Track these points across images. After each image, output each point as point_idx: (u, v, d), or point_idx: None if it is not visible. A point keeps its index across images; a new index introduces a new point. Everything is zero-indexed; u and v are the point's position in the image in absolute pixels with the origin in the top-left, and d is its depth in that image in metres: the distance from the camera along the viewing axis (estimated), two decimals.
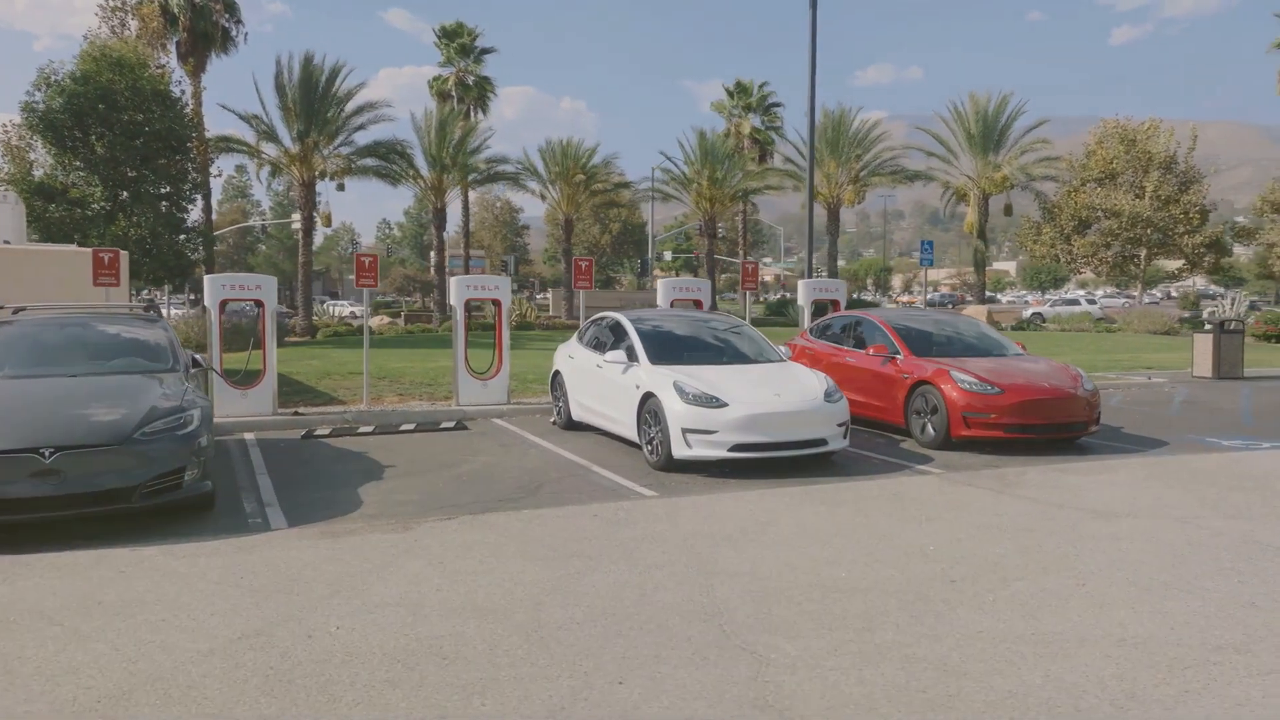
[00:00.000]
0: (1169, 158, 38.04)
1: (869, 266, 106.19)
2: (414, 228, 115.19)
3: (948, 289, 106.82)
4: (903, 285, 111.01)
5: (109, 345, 8.14)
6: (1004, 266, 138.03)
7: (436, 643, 4.56)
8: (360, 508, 7.48)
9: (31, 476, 6.19)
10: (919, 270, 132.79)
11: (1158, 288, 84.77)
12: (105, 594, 5.30)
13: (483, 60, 47.09)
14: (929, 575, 5.66)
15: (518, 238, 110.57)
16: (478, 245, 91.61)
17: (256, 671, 4.22)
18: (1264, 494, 7.88)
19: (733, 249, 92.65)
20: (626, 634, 4.67)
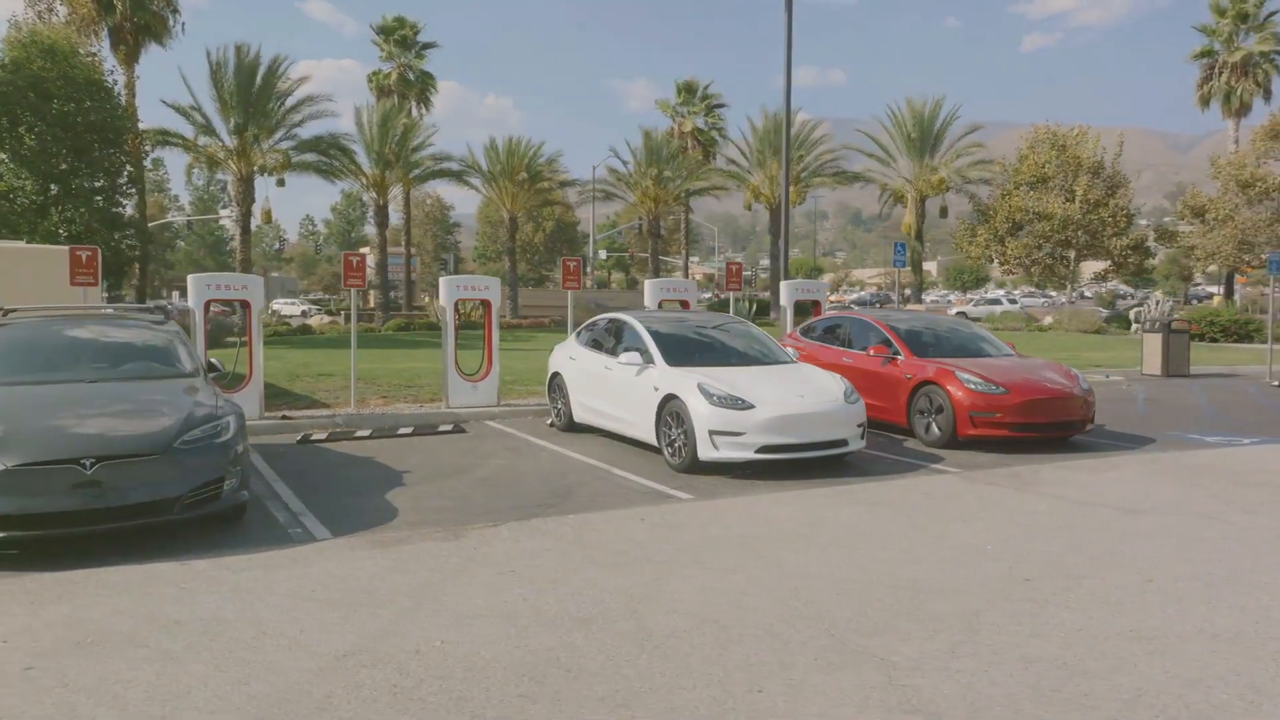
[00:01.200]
0: (1097, 163, 39.47)
1: (799, 266, 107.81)
2: (342, 225, 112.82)
3: (875, 288, 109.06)
4: (833, 284, 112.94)
5: (120, 349, 7.78)
6: (925, 266, 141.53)
7: (551, 654, 4.48)
8: (398, 515, 7.31)
9: (72, 489, 5.88)
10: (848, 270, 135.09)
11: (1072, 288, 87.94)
12: (176, 612, 5.08)
13: (424, 55, 46.45)
14: (999, 574, 5.77)
15: (449, 235, 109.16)
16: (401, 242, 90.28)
17: (382, 689, 4.09)
18: (1269, 489, 8.23)
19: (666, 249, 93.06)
20: (739, 640, 4.66)
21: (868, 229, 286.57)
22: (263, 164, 35.55)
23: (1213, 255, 37.03)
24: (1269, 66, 41.07)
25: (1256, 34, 40.82)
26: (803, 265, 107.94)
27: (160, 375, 7.50)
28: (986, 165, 43.17)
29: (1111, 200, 39.03)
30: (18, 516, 5.80)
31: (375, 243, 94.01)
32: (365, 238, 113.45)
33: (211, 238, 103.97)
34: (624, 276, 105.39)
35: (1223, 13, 41.34)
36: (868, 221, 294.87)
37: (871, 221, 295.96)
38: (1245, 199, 35.92)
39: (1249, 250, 36.26)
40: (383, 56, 46.17)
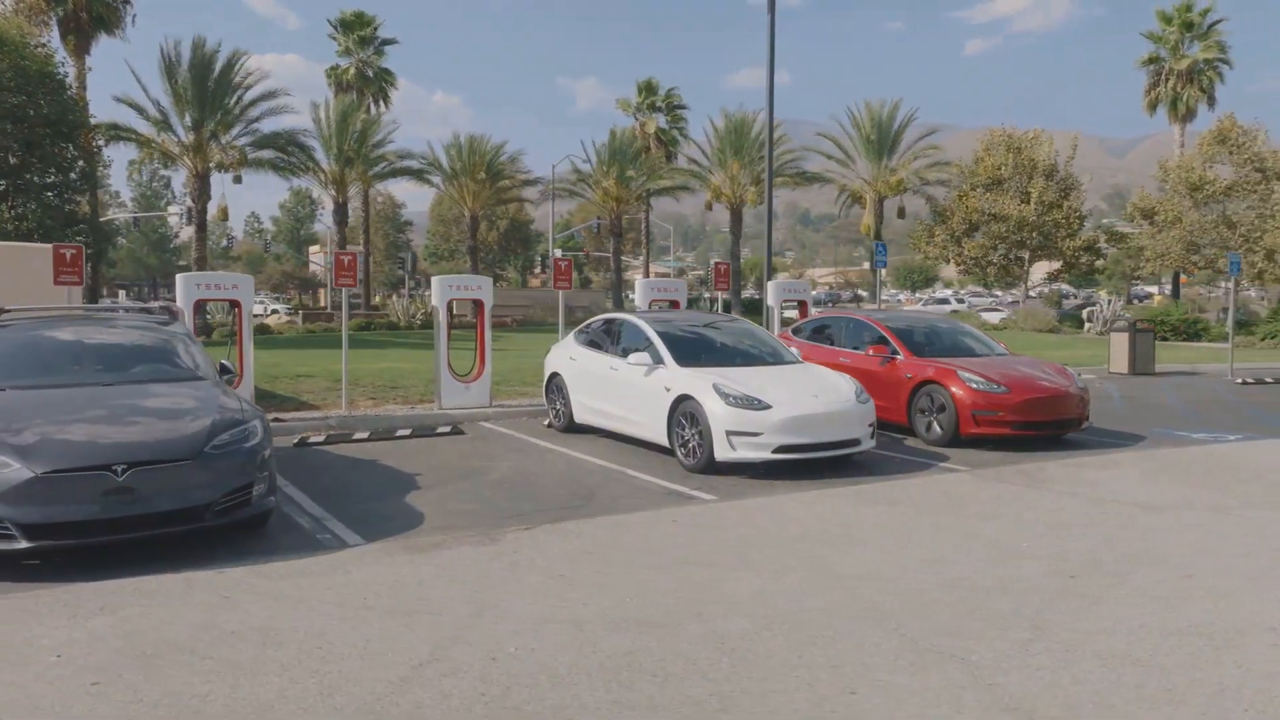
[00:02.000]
0: (1051, 166, 40.30)
1: (753, 265, 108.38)
2: (290, 223, 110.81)
3: (827, 288, 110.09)
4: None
5: (132, 351, 7.52)
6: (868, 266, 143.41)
7: (630, 659, 4.43)
8: (425, 519, 7.18)
9: (103, 496, 5.68)
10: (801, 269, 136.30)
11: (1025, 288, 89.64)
12: (227, 622, 4.93)
13: (384, 52, 45.79)
14: (1043, 572, 5.85)
15: (400, 234, 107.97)
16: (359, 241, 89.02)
17: (471, 698, 4.01)
18: (1265, 485, 8.47)
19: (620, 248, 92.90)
20: (814, 642, 4.66)
21: (816, 229, 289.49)
22: (220, 160, 34.74)
23: (1162, 256, 38.04)
24: (1213, 74, 42.32)
25: (1201, 43, 42.04)
26: (756, 265, 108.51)
27: (175, 378, 7.27)
28: (944, 167, 43.83)
29: (1065, 202, 39.87)
30: (48, 525, 5.59)
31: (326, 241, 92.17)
32: (314, 236, 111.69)
33: (155, 235, 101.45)
34: (578, 276, 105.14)
35: (1169, 21, 42.51)
36: (816, 221, 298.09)
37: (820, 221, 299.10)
38: (1193, 202, 36.96)
39: (1196, 251, 37.33)
40: (340, 51, 45.41)
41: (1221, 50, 42.27)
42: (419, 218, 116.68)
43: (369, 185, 41.40)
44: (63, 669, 4.32)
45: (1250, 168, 35.96)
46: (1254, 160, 36.00)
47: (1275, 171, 35.28)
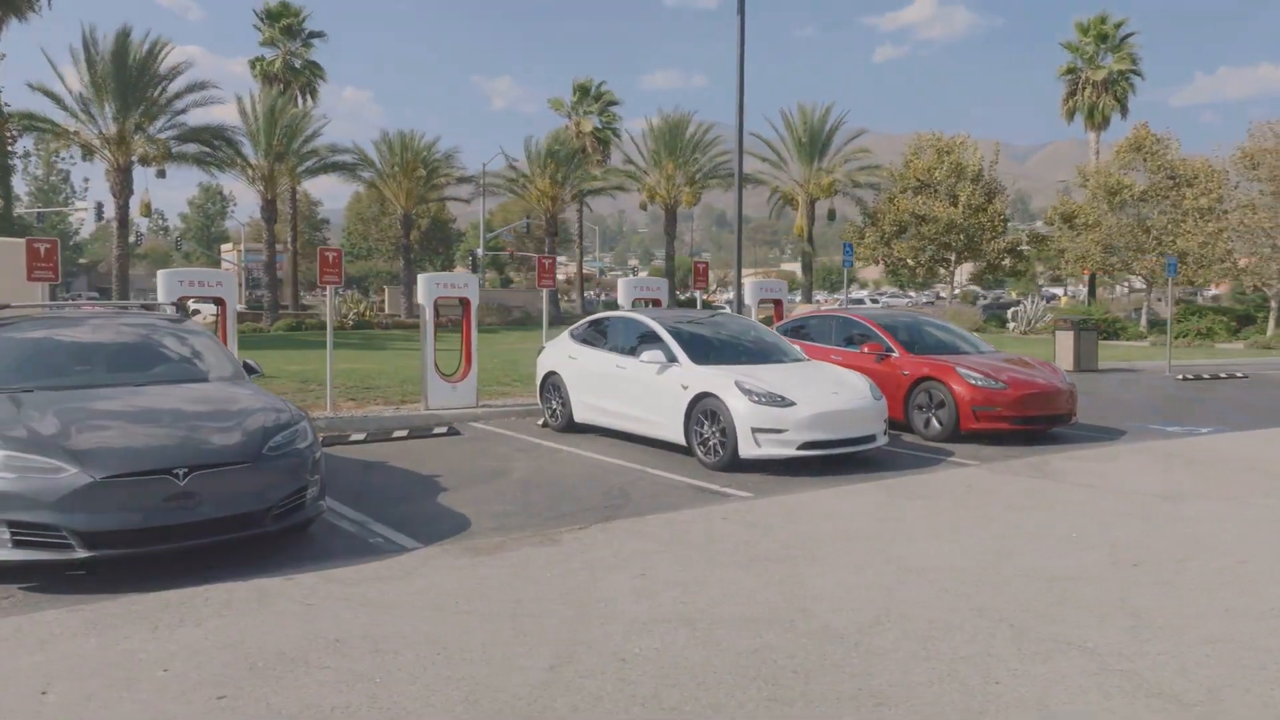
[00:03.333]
0: (978, 170, 41.59)
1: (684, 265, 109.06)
2: (200, 220, 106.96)
3: None
4: (717, 283, 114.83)
5: (156, 350, 7.14)
6: (791, 267, 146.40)
7: (761, 656, 4.40)
8: (472, 521, 7.02)
9: (164, 502, 5.39)
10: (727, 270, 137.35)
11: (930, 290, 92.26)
12: (326, 630, 4.73)
13: (312, 44, 44.58)
14: (1106, 561, 6.03)
15: (316, 232, 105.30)
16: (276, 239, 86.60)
17: (625, 701, 3.93)
18: (1261, 474, 8.90)
19: (539, 246, 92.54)
20: (930, 634, 4.69)
21: (731, 230, 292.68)
22: (143, 154, 33.35)
23: (1082, 258, 39.66)
24: (1126, 85, 44.32)
25: (1114, 54, 43.99)
26: (682, 264, 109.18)
27: (207, 377, 6.94)
28: (874, 170, 44.82)
29: (990, 205, 41.21)
30: (107, 533, 5.28)
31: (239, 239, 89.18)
32: (226, 233, 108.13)
33: (54, 231, 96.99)
34: (497, 276, 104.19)
35: (1086, 31, 44.36)
36: (731, 223, 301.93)
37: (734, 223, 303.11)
38: (1110, 206, 38.60)
39: (1113, 254, 39.00)
40: (263, 42, 44.03)
41: (1133, 62, 44.28)
42: (334, 215, 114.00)
43: (298, 182, 40.24)
44: (178, 684, 4.08)
45: (1163, 175, 37.74)
46: (1166, 168, 37.79)
47: (1186, 178, 37.10)
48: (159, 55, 33.40)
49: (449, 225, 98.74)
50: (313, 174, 39.56)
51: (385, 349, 24.94)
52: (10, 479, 5.20)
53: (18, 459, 5.26)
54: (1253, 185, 34.57)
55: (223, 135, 36.62)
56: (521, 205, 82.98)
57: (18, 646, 4.50)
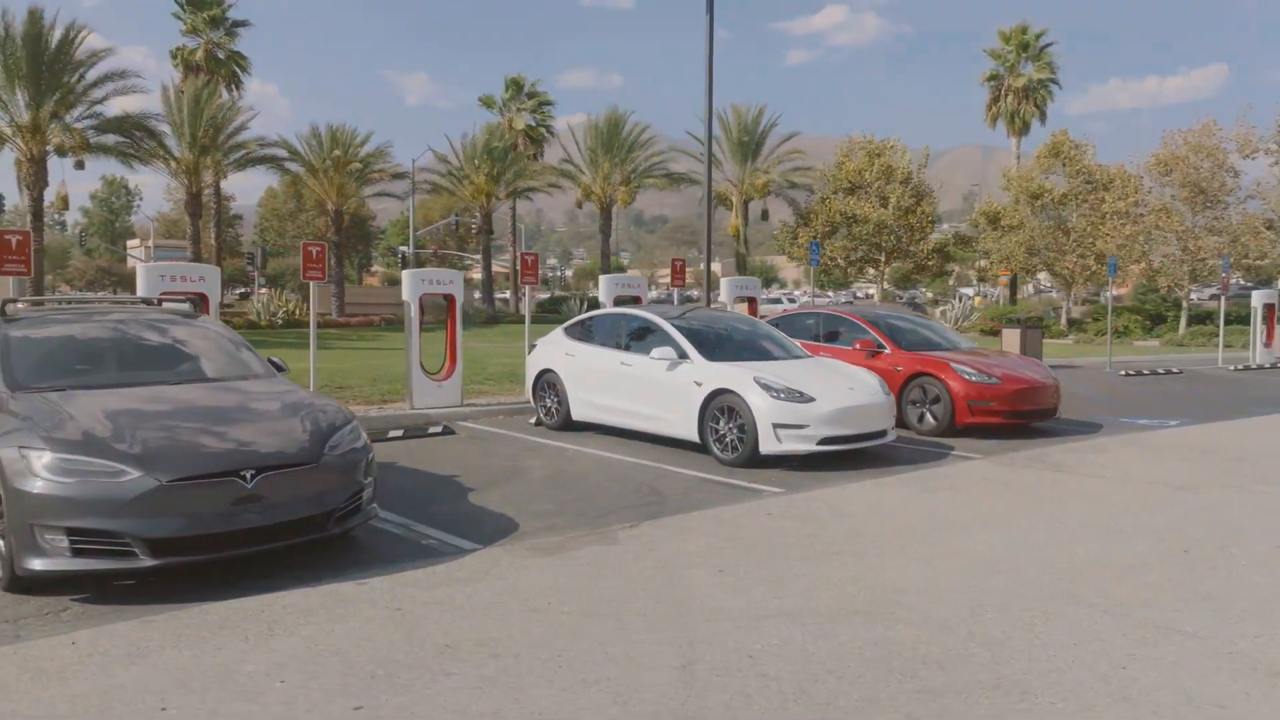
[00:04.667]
0: (908, 172, 42.61)
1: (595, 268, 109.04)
2: (104, 214, 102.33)
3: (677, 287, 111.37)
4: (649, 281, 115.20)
5: (186, 346, 6.77)
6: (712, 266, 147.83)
7: (885, 649, 4.41)
8: (521, 521, 6.86)
9: (232, 505, 5.12)
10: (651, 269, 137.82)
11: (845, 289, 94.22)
12: (429, 635, 4.56)
13: (236, 34, 43.02)
14: (1158, 547, 6.22)
15: (229, 229, 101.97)
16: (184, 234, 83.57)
17: (777, 699, 3.89)
18: (1250, 464, 9.32)
19: (461, 245, 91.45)
20: (1035, 622, 4.77)
21: (650, 230, 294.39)
22: (59, 144, 31.76)
23: (1006, 259, 41.04)
24: (1045, 92, 45.99)
25: (1035, 63, 45.59)
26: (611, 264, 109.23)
27: (244, 374, 6.62)
28: (807, 171, 45.52)
29: (919, 207, 42.26)
30: (176, 540, 4.99)
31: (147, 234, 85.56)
32: (131, 228, 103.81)
33: None
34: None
35: (1008, 40, 45.87)
36: (649, 223, 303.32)
37: (653, 223, 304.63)
38: (1032, 209, 40.04)
39: (1035, 254, 40.44)
40: (185, 31, 42.31)
41: (1052, 71, 45.95)
42: (246, 211, 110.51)
43: (224, 176, 38.83)
44: (304, 695, 3.88)
45: (1081, 179, 39.29)
46: (1084, 172, 39.36)
47: (1103, 183, 38.69)
48: (75, 40, 31.84)
49: (368, 223, 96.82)
50: (240, 167, 38.26)
51: (332, 349, 24.25)
52: (68, 484, 4.87)
53: (74, 462, 4.93)
54: (1165, 190, 36.28)
55: (144, 126, 35.12)
56: (441, 203, 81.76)
57: (108, 661, 4.22)
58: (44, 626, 4.67)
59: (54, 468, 4.90)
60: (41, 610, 4.89)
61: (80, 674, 4.08)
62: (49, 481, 4.86)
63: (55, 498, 4.84)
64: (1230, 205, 34.24)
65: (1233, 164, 33.51)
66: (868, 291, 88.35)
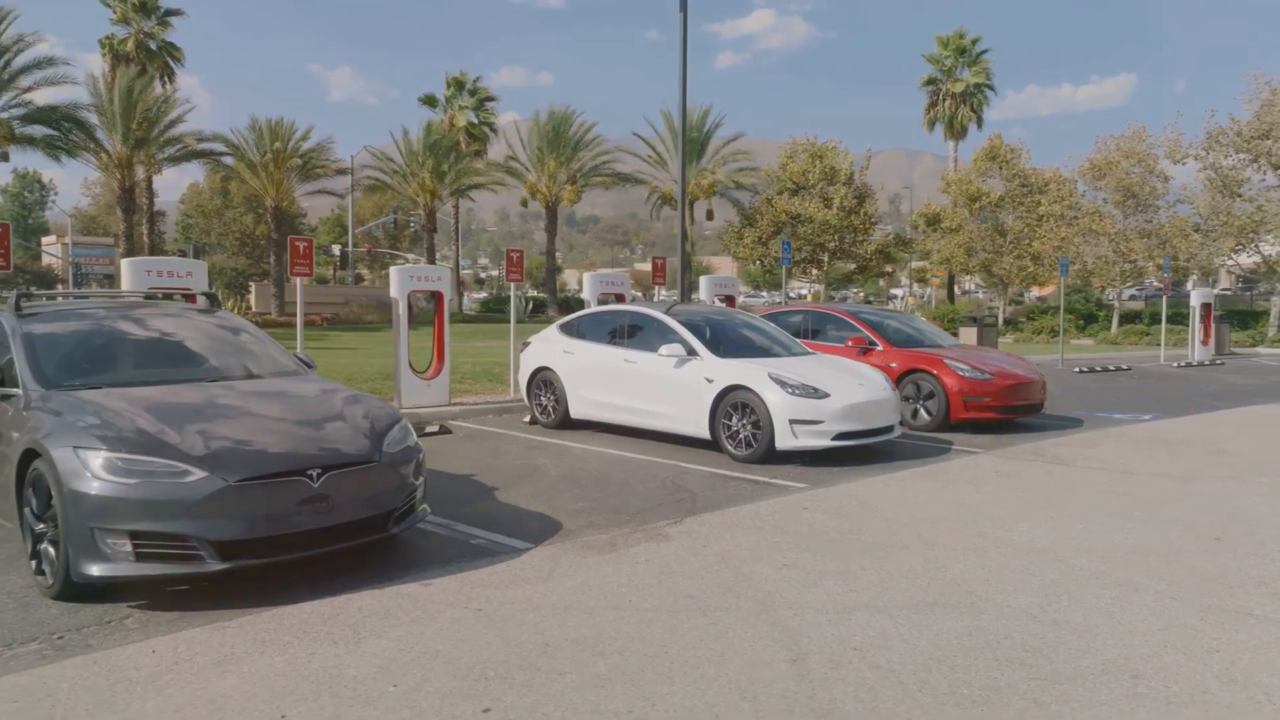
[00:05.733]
0: (849, 174, 43.31)
1: (537, 265, 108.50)
2: (15, 209, 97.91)
3: None
4: (575, 282, 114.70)
5: (217, 342, 6.49)
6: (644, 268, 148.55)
7: (979, 639, 4.46)
8: (561, 519, 6.77)
9: (299, 505, 4.94)
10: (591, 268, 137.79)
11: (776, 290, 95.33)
12: (527, 636, 4.47)
13: (169, 23, 41.60)
14: (1190, 536, 6.41)
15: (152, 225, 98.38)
16: (104, 231, 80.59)
17: (900, 689, 3.90)
18: (1234, 456, 9.69)
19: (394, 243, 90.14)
20: (1110, 609, 4.88)
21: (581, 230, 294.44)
22: None
23: (946, 260, 42.05)
24: (981, 97, 47.25)
25: (971, 69, 46.82)
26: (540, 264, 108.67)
27: (277, 371, 6.38)
28: (752, 172, 45.94)
29: (861, 208, 42.98)
30: (244, 543, 4.79)
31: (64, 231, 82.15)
32: (44, 224, 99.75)
33: None
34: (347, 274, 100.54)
35: (946, 45, 47.03)
36: (581, 223, 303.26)
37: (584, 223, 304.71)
38: (970, 211, 41.11)
39: (973, 255, 41.52)
40: (115, 20, 40.78)
41: (988, 76, 47.20)
42: (167, 208, 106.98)
43: (158, 170, 37.52)
44: (424, 698, 3.76)
45: (1017, 183, 40.44)
46: (1020, 176, 40.52)
47: (1038, 186, 39.89)
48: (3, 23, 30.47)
49: (298, 220, 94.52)
50: (176, 162, 37.03)
51: None
52: (130, 485, 4.64)
53: (135, 462, 4.70)
54: (1098, 194, 37.55)
55: (74, 117, 33.77)
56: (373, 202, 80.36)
57: (198, 669, 4.03)
58: (112, 635, 4.45)
59: (114, 468, 4.66)
60: (102, 618, 4.65)
61: (174, 683, 3.89)
62: (109, 483, 4.63)
63: (117, 499, 4.61)
64: (1160, 209, 35.53)
65: (1163, 169, 34.80)
66: (800, 292, 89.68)
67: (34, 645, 4.32)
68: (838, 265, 47.07)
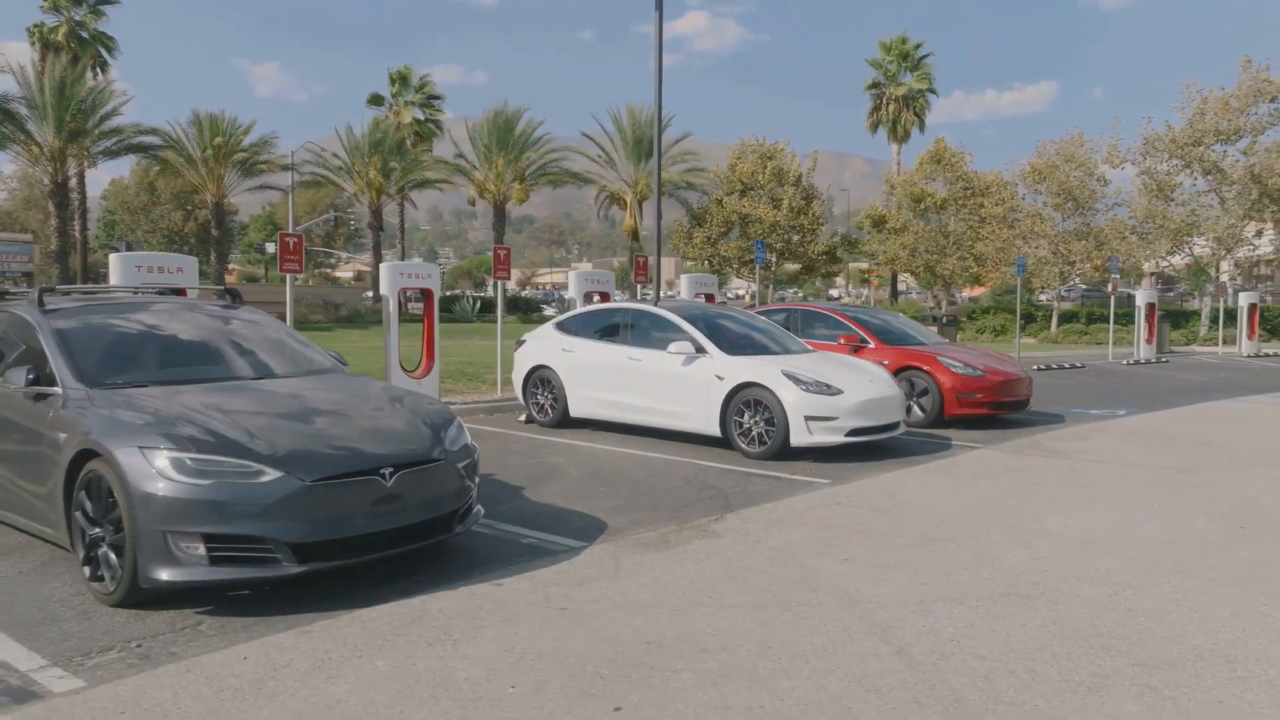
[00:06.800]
0: (798, 174, 43.81)
1: (480, 264, 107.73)
2: None
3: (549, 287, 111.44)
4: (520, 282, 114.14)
5: (255, 339, 6.26)
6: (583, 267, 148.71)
7: (1066, 626, 4.55)
8: (602, 517, 6.71)
9: (373, 505, 4.81)
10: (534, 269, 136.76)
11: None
12: (624, 634, 4.42)
13: (102, 12, 40.13)
14: (1215, 526, 6.63)
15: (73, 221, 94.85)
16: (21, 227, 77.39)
17: (1011, 675, 3.96)
18: (1218, 449, 10.06)
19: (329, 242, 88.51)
20: (1180, 598, 5.01)
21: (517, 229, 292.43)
22: None
23: (892, 261, 42.83)
24: (923, 101, 48.26)
25: (914, 73, 47.78)
26: (483, 263, 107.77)
27: (317, 369, 6.19)
28: (702, 172, 46.16)
29: (810, 209, 43.52)
30: (321, 545, 4.64)
31: None
32: None
33: None
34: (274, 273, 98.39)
35: (889, 50, 47.90)
36: (515, 222, 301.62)
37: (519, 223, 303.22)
38: (915, 213, 41.95)
39: (916, 256, 42.37)
40: (45, 7, 39.19)
41: (930, 81, 48.20)
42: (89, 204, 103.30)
43: (93, 164, 36.18)
44: (549, 698, 3.70)
45: (960, 185, 41.40)
46: (963, 178, 41.49)
47: (980, 189, 40.89)
48: None
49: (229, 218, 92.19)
50: (114, 155, 35.74)
51: None
52: (204, 486, 4.46)
53: (208, 462, 4.52)
54: (1039, 197, 38.63)
55: (3, 108, 32.37)
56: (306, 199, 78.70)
57: (300, 674, 3.90)
58: (193, 642, 4.27)
59: (185, 468, 4.47)
60: (174, 625, 4.47)
61: (282, 690, 3.76)
62: (181, 484, 4.44)
63: (191, 501, 4.43)
64: (1099, 211, 36.71)
65: (1102, 173, 35.96)
66: (737, 292, 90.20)
67: (113, 654, 4.13)
68: (785, 266, 47.66)
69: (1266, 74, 31.86)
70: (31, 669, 3.95)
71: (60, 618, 4.57)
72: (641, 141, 46.20)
